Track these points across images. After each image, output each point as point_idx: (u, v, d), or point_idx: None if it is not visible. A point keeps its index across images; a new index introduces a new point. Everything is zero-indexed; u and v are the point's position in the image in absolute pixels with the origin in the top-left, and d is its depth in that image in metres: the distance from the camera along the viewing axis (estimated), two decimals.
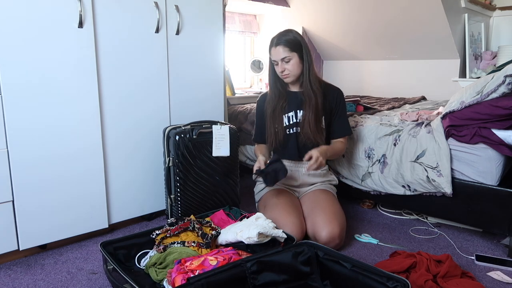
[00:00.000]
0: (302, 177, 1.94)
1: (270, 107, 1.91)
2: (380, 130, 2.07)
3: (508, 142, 1.62)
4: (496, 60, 3.27)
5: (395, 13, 3.15)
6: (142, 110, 1.89)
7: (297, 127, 1.90)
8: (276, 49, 1.80)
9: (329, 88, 1.92)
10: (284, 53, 1.79)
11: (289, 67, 1.81)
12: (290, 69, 1.82)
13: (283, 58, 1.80)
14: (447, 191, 1.78)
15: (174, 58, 1.97)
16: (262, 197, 1.93)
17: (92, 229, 1.79)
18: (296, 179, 1.94)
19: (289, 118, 1.90)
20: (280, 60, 1.80)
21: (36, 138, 1.57)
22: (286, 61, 1.80)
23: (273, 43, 1.82)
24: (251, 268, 1.26)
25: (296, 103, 1.90)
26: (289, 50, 1.79)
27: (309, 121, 1.84)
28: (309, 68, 1.83)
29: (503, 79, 1.59)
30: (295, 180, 1.94)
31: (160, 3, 1.87)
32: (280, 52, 1.79)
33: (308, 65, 1.83)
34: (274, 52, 1.81)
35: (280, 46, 1.79)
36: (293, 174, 1.93)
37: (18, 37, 1.47)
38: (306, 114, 1.85)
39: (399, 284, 1.14)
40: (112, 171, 1.83)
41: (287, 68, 1.82)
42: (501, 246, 1.81)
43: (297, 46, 1.80)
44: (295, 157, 1.91)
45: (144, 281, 1.40)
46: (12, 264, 1.63)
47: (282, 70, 1.83)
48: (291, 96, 1.91)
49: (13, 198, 1.55)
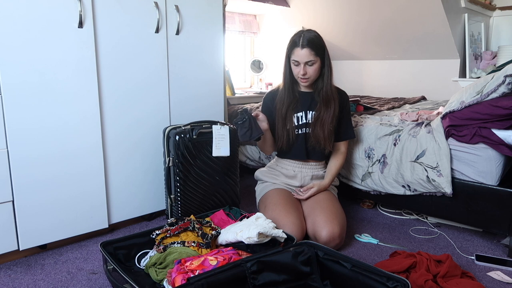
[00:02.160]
0: (304, 179, 1.94)
1: (283, 107, 1.85)
2: (380, 130, 2.07)
3: (508, 142, 1.62)
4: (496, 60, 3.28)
5: (395, 13, 3.15)
6: (142, 110, 1.89)
7: (306, 127, 1.88)
8: (302, 51, 1.73)
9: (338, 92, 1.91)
10: (310, 56, 1.73)
11: (311, 71, 1.76)
12: (311, 73, 1.77)
13: (307, 62, 1.74)
14: (447, 191, 1.78)
15: (174, 58, 1.97)
16: (263, 196, 1.93)
17: (92, 229, 1.79)
18: (298, 180, 1.94)
19: (298, 118, 1.88)
20: (304, 62, 1.75)
21: (36, 137, 1.57)
22: (310, 64, 1.75)
23: (297, 43, 1.74)
24: (251, 268, 1.26)
25: (306, 103, 1.87)
26: (315, 54, 1.73)
27: (323, 126, 1.82)
28: (330, 73, 1.80)
29: (503, 79, 1.59)
30: (297, 180, 1.94)
31: (160, 3, 1.87)
32: (305, 55, 1.73)
33: (329, 70, 1.80)
34: (299, 54, 1.74)
35: (307, 49, 1.72)
36: (295, 174, 1.93)
37: (18, 37, 1.47)
38: (321, 118, 1.83)
39: (399, 284, 1.14)
40: (112, 171, 1.83)
41: (309, 72, 1.76)
42: (501, 246, 1.81)
43: (321, 50, 1.76)
44: (301, 157, 1.90)
45: (144, 281, 1.40)
46: (12, 264, 1.63)
47: (304, 73, 1.76)
48: (301, 96, 1.88)
49: (13, 198, 1.55)
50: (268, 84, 3.83)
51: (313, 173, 1.95)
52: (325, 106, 1.83)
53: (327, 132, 1.83)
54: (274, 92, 1.94)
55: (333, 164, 1.95)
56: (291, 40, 1.78)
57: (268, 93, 1.98)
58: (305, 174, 1.93)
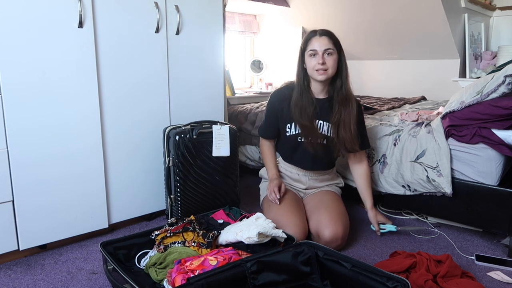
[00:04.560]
0: (309, 182, 1.91)
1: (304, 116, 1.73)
2: (380, 130, 2.07)
3: (508, 142, 1.62)
4: (496, 60, 3.28)
5: (395, 13, 3.15)
6: (142, 110, 1.89)
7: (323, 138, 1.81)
8: (320, 38, 1.67)
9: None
10: (329, 44, 1.67)
11: (330, 61, 1.68)
12: (330, 64, 1.68)
13: (326, 49, 1.67)
14: (447, 191, 1.78)
15: (174, 58, 1.97)
16: (267, 195, 1.90)
17: (92, 229, 1.79)
18: (304, 183, 1.92)
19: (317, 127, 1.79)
20: (323, 50, 1.66)
21: (36, 138, 1.57)
22: (328, 53, 1.67)
23: (315, 33, 1.70)
24: (251, 268, 1.26)
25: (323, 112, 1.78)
26: (333, 44, 1.68)
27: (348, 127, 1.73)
28: (347, 70, 1.74)
29: (503, 79, 1.59)
30: (303, 183, 1.92)
31: (160, 3, 1.86)
32: (325, 42, 1.67)
33: (346, 68, 1.74)
34: (317, 42, 1.67)
35: (326, 37, 1.67)
36: (300, 178, 1.91)
37: (18, 37, 1.47)
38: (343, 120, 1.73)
39: (399, 284, 1.14)
40: (112, 171, 1.83)
41: (328, 62, 1.67)
42: (501, 246, 1.80)
43: (339, 44, 1.72)
44: (307, 167, 1.86)
45: (144, 281, 1.40)
46: (12, 264, 1.63)
47: (323, 62, 1.66)
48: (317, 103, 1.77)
49: (13, 198, 1.55)
50: (268, 84, 3.83)
51: (319, 177, 1.92)
52: (344, 107, 1.74)
53: (353, 132, 1.74)
54: (281, 93, 1.83)
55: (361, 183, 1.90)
56: (306, 37, 1.73)
57: (277, 92, 1.87)
58: (310, 177, 1.90)
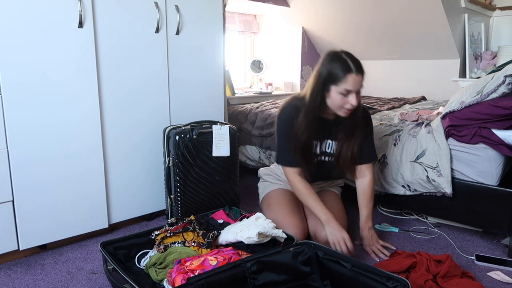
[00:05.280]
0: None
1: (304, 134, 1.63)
2: (380, 130, 2.07)
3: (508, 142, 1.62)
4: (496, 60, 3.28)
5: (395, 13, 3.15)
6: (142, 110, 1.89)
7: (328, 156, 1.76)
8: (357, 77, 1.49)
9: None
10: (362, 81, 1.53)
11: (359, 99, 1.56)
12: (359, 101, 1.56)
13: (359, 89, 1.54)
14: (447, 191, 1.78)
15: (174, 58, 1.97)
16: (266, 195, 1.90)
17: (92, 229, 1.79)
18: None
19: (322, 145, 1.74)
20: (357, 91, 1.53)
21: (36, 138, 1.57)
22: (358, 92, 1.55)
23: (350, 69, 1.49)
24: (251, 268, 1.26)
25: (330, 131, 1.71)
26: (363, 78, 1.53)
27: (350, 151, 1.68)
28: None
29: (503, 79, 1.59)
30: None
31: (160, 3, 1.87)
32: (360, 81, 1.51)
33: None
34: (355, 81, 1.49)
35: (361, 76, 1.51)
36: None
37: (18, 37, 1.47)
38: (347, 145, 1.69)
39: (399, 284, 1.14)
40: (112, 171, 1.83)
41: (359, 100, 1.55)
42: (501, 246, 1.80)
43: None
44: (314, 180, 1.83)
45: (144, 281, 1.40)
46: (12, 264, 1.63)
47: (358, 101, 1.55)
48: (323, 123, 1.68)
49: (13, 198, 1.55)
50: (268, 84, 3.83)
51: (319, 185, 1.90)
52: (351, 132, 1.67)
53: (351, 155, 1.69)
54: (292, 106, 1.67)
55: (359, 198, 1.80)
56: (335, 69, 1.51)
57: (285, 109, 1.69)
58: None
